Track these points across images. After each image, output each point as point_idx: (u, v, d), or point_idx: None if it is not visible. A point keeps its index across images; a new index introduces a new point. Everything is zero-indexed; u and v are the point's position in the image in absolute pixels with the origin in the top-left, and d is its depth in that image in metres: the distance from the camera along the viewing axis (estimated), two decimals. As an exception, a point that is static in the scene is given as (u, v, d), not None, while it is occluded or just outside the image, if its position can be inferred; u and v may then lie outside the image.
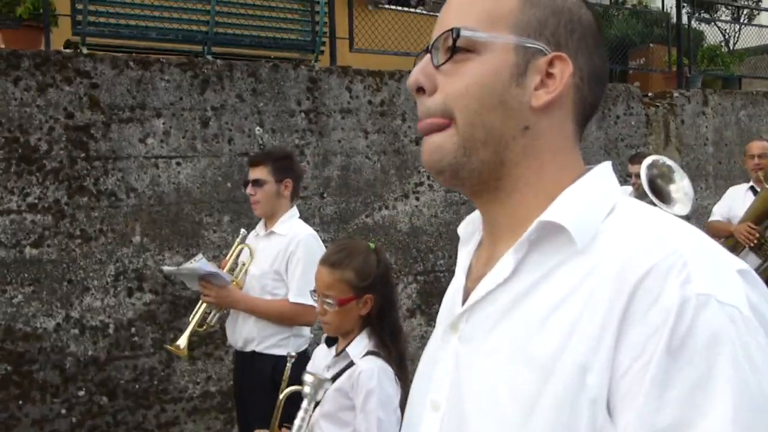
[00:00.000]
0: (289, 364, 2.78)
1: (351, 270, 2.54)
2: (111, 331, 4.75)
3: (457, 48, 0.96)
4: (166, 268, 4.18)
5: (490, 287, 0.97)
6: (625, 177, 7.74)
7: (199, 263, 3.50)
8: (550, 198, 0.97)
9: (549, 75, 0.98)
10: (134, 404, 4.77)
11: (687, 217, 7.95)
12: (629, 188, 5.92)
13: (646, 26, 12.88)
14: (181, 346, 3.65)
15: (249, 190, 3.66)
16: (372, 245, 2.67)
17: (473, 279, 1.04)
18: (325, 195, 5.63)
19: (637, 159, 5.98)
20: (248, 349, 3.62)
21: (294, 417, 2.31)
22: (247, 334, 3.61)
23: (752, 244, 5.30)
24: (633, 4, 14.59)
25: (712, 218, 6.24)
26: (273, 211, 3.69)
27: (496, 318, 0.95)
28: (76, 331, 4.64)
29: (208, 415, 5.01)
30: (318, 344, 2.83)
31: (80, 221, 4.71)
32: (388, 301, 2.62)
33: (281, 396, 2.63)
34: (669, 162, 5.36)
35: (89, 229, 4.73)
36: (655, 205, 5.10)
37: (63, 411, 4.56)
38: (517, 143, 0.97)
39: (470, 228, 1.14)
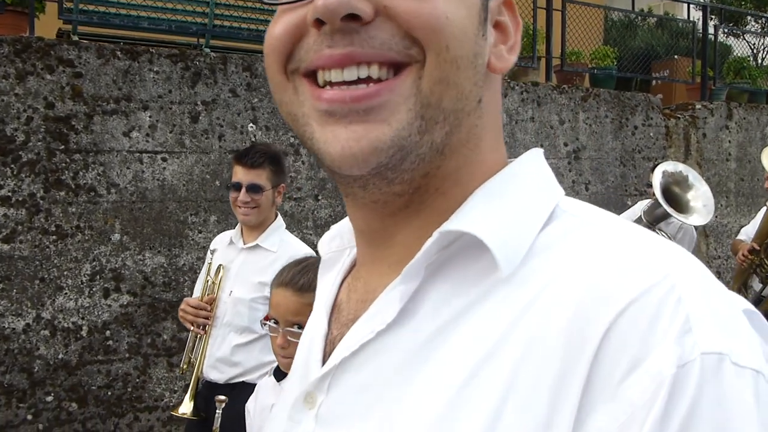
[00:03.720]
0: (219, 411, 2.37)
1: None
2: (84, 333, 4.48)
3: None
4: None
5: (365, 337, 0.66)
6: (643, 189, 7.41)
7: None
8: None
9: (498, 26, 0.71)
10: (106, 412, 4.50)
11: (705, 234, 7.62)
12: (645, 202, 5.57)
13: (672, 37, 12.54)
14: (188, 413, 3.14)
15: (243, 196, 3.08)
16: None
17: (341, 323, 0.73)
18: (319, 197, 5.35)
19: None
20: (232, 381, 3.08)
21: None
22: (231, 367, 3.08)
23: (744, 266, 4.96)
24: (659, 15, 14.23)
25: (738, 236, 5.92)
26: (262, 221, 3.19)
27: (375, 388, 0.65)
28: (47, 332, 4.38)
29: (183, 425, 4.72)
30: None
31: (56, 216, 4.46)
32: None
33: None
34: (685, 168, 5.02)
35: (65, 225, 4.48)
36: (669, 215, 4.78)
37: (29, 417, 4.30)
38: (468, 121, 0.68)
39: (336, 243, 0.83)
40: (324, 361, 0.71)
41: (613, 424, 0.52)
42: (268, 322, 2.19)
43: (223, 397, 2.37)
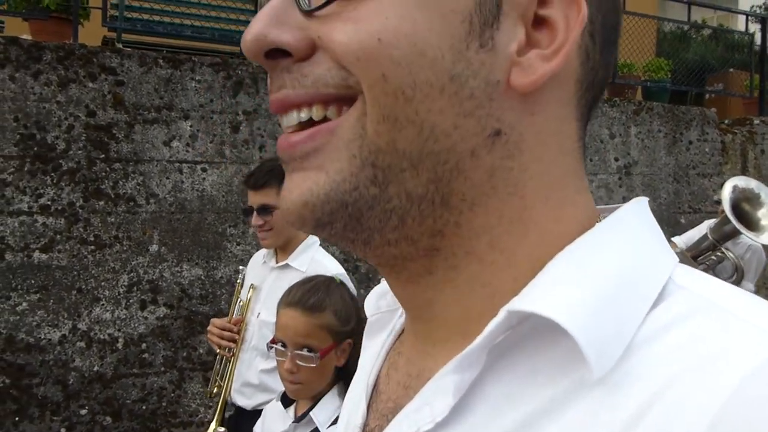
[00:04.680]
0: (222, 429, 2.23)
1: (331, 312, 2.05)
2: (120, 346, 4.41)
3: None
4: None
5: None
6: (697, 207, 7.14)
7: None
8: (538, 270, 0.52)
9: (541, 22, 0.52)
10: (140, 426, 4.41)
11: None
12: (711, 221, 5.28)
13: (726, 50, 12.21)
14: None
15: (255, 220, 2.93)
16: (338, 280, 2.21)
17: (380, 411, 0.60)
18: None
19: None
20: (261, 407, 2.79)
21: None
22: (257, 392, 2.91)
23: None
24: (713, 26, 13.88)
25: None
26: (287, 241, 3.00)
27: None
28: (83, 344, 4.31)
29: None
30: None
31: (95, 226, 4.40)
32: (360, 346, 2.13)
33: None
34: (757, 184, 4.76)
35: (104, 235, 4.42)
36: (740, 232, 4.53)
37: (62, 430, 4.23)
38: (479, 163, 0.52)
39: (387, 301, 0.68)
40: None
41: None
42: (275, 345, 2.06)
43: (222, 430, 2.25)
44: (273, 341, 2.08)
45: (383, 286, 0.69)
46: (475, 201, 0.52)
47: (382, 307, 0.69)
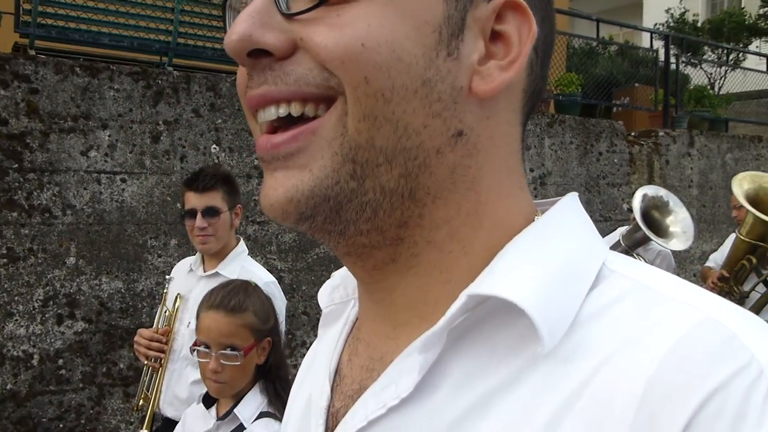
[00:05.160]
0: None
1: (251, 312, 2.16)
2: (35, 362, 4.26)
3: None
4: None
5: (375, 412, 0.57)
6: (604, 213, 7.43)
7: None
8: (489, 257, 0.58)
9: (496, 37, 0.58)
10: (57, 445, 4.28)
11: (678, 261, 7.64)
12: (624, 228, 5.51)
13: (632, 66, 12.74)
14: None
15: (199, 222, 2.92)
16: (253, 283, 2.34)
17: (345, 393, 0.63)
18: (284, 221, 5.21)
19: None
20: None
21: None
22: (187, 402, 2.82)
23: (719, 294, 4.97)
24: (620, 43, 14.46)
25: (706, 264, 5.98)
26: (222, 247, 3.03)
27: None
28: (-5, 361, 4.16)
29: (139, 460, 4.52)
30: None
31: (7, 238, 4.25)
32: (280, 343, 2.26)
33: None
34: (666, 193, 5.00)
35: (17, 247, 4.28)
36: (650, 239, 4.74)
37: (-26, 451, 4.07)
38: (443, 159, 0.57)
39: (340, 294, 0.73)
40: None
41: None
42: (198, 348, 2.14)
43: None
44: (195, 344, 2.16)
45: (335, 281, 0.74)
46: (437, 195, 0.57)
47: (335, 299, 0.73)
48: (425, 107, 0.55)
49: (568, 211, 0.62)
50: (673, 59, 9.40)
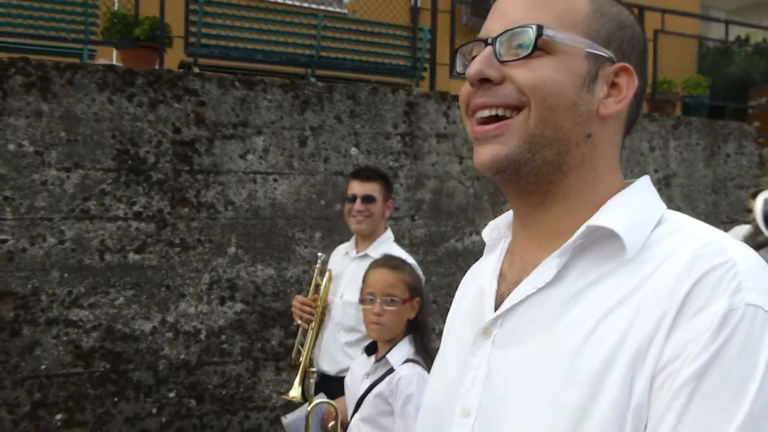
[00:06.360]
0: (313, 380, 2.81)
1: (407, 273, 2.69)
2: (203, 337, 4.94)
3: (536, 46, 0.95)
4: (285, 420, 3.40)
5: (529, 291, 0.97)
6: (735, 217, 7.43)
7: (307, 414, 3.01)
8: (597, 208, 0.98)
9: (614, 85, 1.00)
10: (220, 409, 4.92)
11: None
12: (746, 227, 5.64)
13: (770, 65, 12.33)
14: (297, 397, 3.50)
15: (358, 205, 3.49)
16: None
17: (507, 284, 1.04)
18: (416, 217, 5.69)
19: (758, 195, 5.68)
20: (342, 374, 3.34)
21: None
22: (340, 360, 3.46)
23: None
24: (756, 42, 14.01)
25: None
26: (373, 231, 3.58)
27: (536, 324, 0.95)
28: (171, 335, 4.85)
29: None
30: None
31: (180, 231, 4.95)
32: (426, 308, 2.72)
33: (308, 408, 2.73)
34: None
35: (188, 238, 4.96)
36: None
37: (154, 411, 4.76)
38: (579, 149, 0.98)
39: (495, 234, 1.15)
40: (496, 309, 1.02)
41: (686, 337, 0.82)
42: (365, 298, 2.66)
43: (314, 368, 3.06)
44: (362, 298, 2.68)
45: (491, 225, 1.17)
46: (573, 168, 0.99)
47: (494, 236, 1.16)
48: (573, 118, 0.96)
49: (643, 185, 1.02)
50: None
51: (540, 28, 0.94)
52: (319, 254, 3.81)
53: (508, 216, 1.11)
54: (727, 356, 0.79)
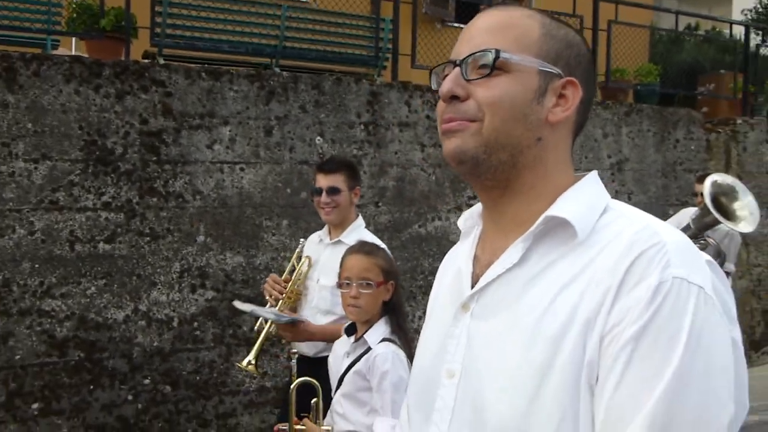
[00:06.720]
0: (293, 361, 2.96)
1: (381, 258, 2.86)
2: (175, 324, 5.03)
3: (495, 66, 1.11)
4: (240, 305, 3.94)
5: (500, 271, 1.14)
6: (684, 200, 7.74)
7: (274, 314, 3.51)
8: (550, 200, 1.14)
9: (561, 96, 1.16)
10: (195, 394, 5.03)
11: (746, 243, 7.90)
12: (693, 209, 5.93)
13: (718, 52, 12.74)
14: (252, 364, 3.66)
15: (324, 198, 3.62)
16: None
17: (481, 265, 1.20)
18: (380, 204, 5.84)
19: (704, 179, 5.97)
20: (320, 355, 3.57)
21: (307, 409, 2.71)
22: (318, 343, 3.61)
23: None
24: (706, 30, 14.44)
25: None
26: (343, 219, 3.71)
27: (507, 298, 1.11)
28: (143, 323, 4.93)
29: (263, 408, 5.24)
30: None
31: (150, 220, 5.02)
32: (400, 290, 2.89)
33: (292, 387, 2.81)
34: (733, 180, 5.36)
35: (158, 227, 5.04)
36: (719, 222, 5.13)
37: (129, 397, 4.85)
38: (530, 151, 1.14)
39: (470, 222, 1.31)
40: (472, 287, 1.19)
41: (626, 305, 1.00)
42: (342, 282, 2.83)
43: (295, 350, 3.15)
44: (339, 282, 2.85)
45: (465, 215, 1.33)
46: (527, 167, 1.15)
47: (468, 224, 1.32)
48: (524, 125, 1.11)
49: (591, 179, 1.19)
50: (753, 47, 9.44)
51: (498, 52, 1.11)
52: (302, 240, 3.95)
53: (479, 206, 1.28)
54: (659, 319, 0.98)
